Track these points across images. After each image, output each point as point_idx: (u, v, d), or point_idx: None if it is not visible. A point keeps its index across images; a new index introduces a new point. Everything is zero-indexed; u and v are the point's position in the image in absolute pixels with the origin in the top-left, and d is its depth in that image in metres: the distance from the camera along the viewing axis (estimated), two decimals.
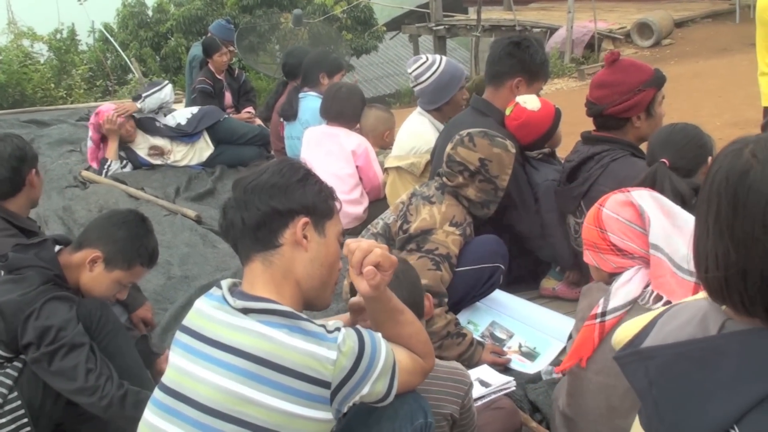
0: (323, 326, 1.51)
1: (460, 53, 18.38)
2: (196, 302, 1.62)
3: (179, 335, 1.60)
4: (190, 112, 5.30)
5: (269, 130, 5.42)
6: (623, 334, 1.42)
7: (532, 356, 2.77)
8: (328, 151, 3.99)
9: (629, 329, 1.38)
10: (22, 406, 2.07)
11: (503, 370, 2.63)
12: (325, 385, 1.46)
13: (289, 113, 4.75)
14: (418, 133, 3.80)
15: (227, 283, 1.61)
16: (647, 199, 1.93)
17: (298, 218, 1.58)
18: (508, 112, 3.18)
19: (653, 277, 1.86)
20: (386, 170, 3.89)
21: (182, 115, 5.25)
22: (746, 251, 1.05)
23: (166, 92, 5.11)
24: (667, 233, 1.86)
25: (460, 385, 1.91)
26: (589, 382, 1.92)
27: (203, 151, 5.29)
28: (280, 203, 1.57)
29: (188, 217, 4.33)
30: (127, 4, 14.93)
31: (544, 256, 3.23)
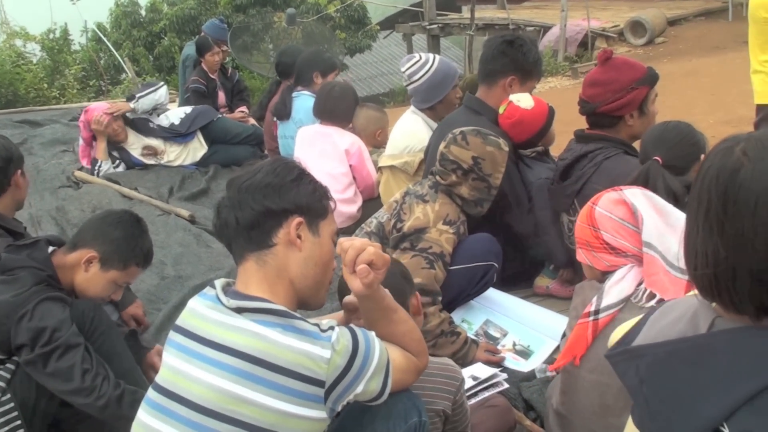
0: (317, 325, 1.51)
1: (453, 52, 18.35)
2: (189, 302, 1.62)
3: (173, 335, 1.60)
4: (183, 111, 5.28)
5: (263, 129, 5.41)
6: (619, 334, 1.42)
7: (526, 354, 2.78)
8: (321, 150, 3.98)
9: (625, 330, 1.38)
10: (15, 408, 2.06)
11: (497, 368, 2.63)
12: (319, 383, 1.46)
13: (282, 112, 4.74)
14: (411, 131, 3.80)
15: (221, 282, 1.60)
16: (640, 197, 1.94)
17: (292, 218, 1.58)
18: (501, 110, 3.18)
19: (646, 275, 1.86)
20: (380, 169, 3.89)
21: (175, 114, 5.23)
22: (736, 249, 1.05)
23: (160, 93, 5.08)
24: (660, 231, 1.87)
25: (451, 381, 1.91)
26: (582, 380, 1.93)
27: (197, 150, 5.27)
28: (274, 203, 1.57)
29: (182, 216, 4.32)
30: (120, 3, 14.84)
31: (537, 254, 3.23)
